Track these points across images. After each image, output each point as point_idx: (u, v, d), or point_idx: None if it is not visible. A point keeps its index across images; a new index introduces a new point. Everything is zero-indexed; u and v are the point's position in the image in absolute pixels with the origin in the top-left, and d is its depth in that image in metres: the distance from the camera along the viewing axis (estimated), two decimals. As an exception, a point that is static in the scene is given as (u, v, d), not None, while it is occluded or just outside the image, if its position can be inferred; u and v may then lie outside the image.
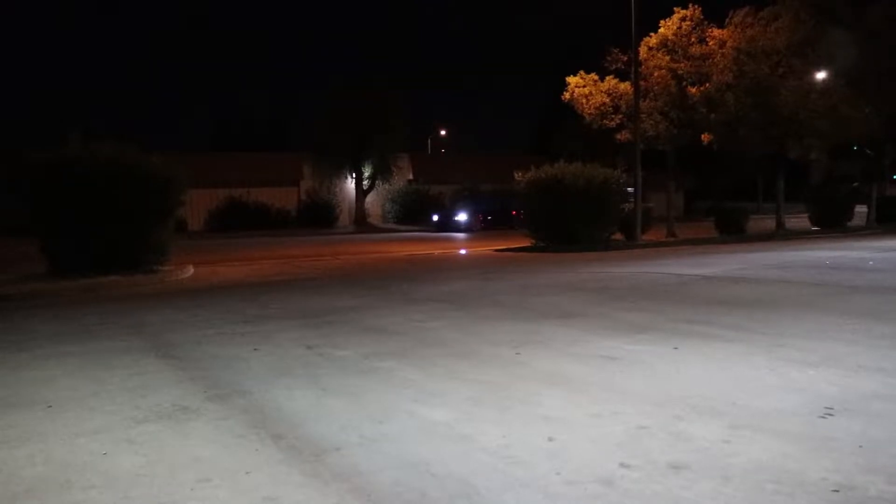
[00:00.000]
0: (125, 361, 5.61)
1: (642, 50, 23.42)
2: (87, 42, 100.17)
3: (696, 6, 23.86)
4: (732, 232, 23.98)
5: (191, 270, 14.15)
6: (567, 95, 25.09)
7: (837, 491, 2.74)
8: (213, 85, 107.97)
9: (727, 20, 24.08)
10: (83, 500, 2.91)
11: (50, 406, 4.34)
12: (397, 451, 3.35)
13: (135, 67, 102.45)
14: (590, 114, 24.87)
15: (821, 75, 23.94)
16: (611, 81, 24.68)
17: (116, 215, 12.64)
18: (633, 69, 22.43)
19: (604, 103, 24.65)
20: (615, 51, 24.12)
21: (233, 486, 2.99)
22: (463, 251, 20.00)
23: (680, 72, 23.70)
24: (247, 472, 3.12)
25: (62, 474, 3.19)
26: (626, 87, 24.18)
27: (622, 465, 3.08)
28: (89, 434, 3.77)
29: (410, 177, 45.17)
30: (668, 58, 23.71)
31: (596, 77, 24.95)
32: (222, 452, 3.41)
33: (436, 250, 20.04)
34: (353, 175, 39.46)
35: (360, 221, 39.67)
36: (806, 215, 29.58)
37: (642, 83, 23.19)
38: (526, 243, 19.87)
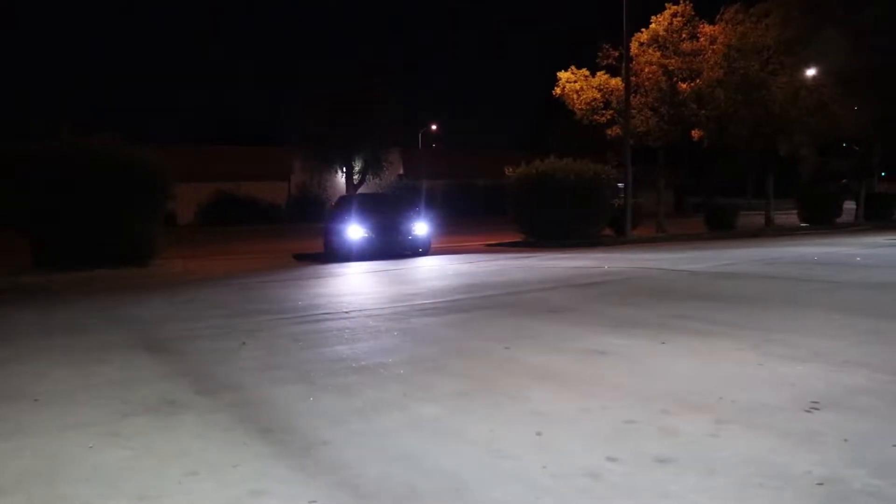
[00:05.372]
0: (113, 355, 5.59)
1: (633, 45, 23.43)
2: (73, 35, 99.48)
3: (688, 2, 23.87)
4: (722, 228, 24.07)
5: (180, 264, 14.11)
6: (558, 90, 25.06)
7: (822, 484, 2.76)
8: (203, 78, 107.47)
9: (718, 16, 24.12)
10: (70, 493, 2.90)
11: (37, 399, 4.32)
12: (386, 445, 3.35)
13: (124, 60, 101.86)
14: (580, 109, 24.86)
15: (811, 73, 24.04)
16: (602, 77, 24.67)
17: (106, 209, 12.61)
18: (623, 65, 22.43)
19: (594, 98, 24.63)
20: (606, 46, 24.12)
21: (219, 479, 2.99)
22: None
23: (671, 68, 23.72)
24: (234, 466, 3.12)
25: (49, 467, 3.18)
26: (616, 82, 24.18)
27: (609, 458, 3.09)
28: (77, 427, 3.75)
29: (401, 171, 45.12)
30: (658, 53, 23.73)
31: (587, 72, 24.93)
32: (210, 446, 3.40)
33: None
34: (344, 170, 39.30)
35: None
36: (795, 212, 29.73)
37: (633, 79, 23.22)
38: (516, 238, 19.91)
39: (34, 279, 11.26)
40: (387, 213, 17.15)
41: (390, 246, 15.94)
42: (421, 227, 16.51)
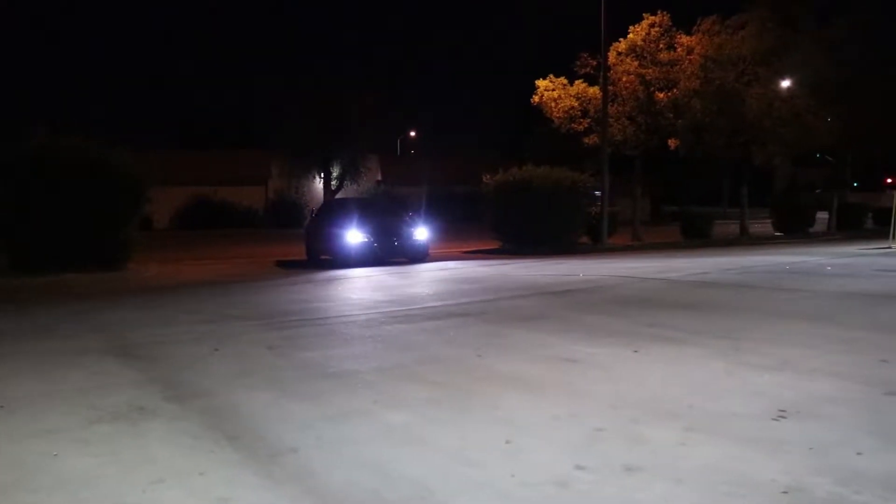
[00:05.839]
0: (83, 361, 5.52)
1: (611, 55, 23.58)
2: (53, 38, 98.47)
3: (665, 13, 24.09)
4: (697, 236, 24.27)
5: (154, 269, 13.99)
6: (536, 98, 25.13)
7: (786, 492, 2.79)
8: (180, 81, 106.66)
9: (695, 27, 24.34)
10: (32, 502, 2.86)
11: (2, 406, 4.25)
12: (354, 452, 3.34)
13: (101, 63, 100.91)
14: (558, 117, 24.94)
15: (785, 84, 24.35)
16: (580, 85, 24.76)
17: (80, 212, 12.47)
18: (601, 74, 22.56)
19: (572, 107, 24.71)
20: (584, 55, 24.23)
21: (185, 487, 2.96)
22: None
23: (648, 77, 23.90)
24: (200, 474, 3.09)
25: (11, 475, 3.13)
26: (594, 91, 24.29)
27: (577, 467, 3.09)
28: (42, 434, 3.69)
29: (379, 178, 45.04)
30: (636, 63, 23.89)
31: (565, 81, 25.02)
32: (177, 453, 3.37)
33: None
34: (322, 175, 39.13)
35: None
36: (769, 221, 30.06)
37: (611, 88, 23.37)
38: (493, 245, 19.95)
39: (5, 282, 11.11)
40: (385, 217, 16.60)
41: (390, 252, 15.40)
42: (421, 233, 15.94)
